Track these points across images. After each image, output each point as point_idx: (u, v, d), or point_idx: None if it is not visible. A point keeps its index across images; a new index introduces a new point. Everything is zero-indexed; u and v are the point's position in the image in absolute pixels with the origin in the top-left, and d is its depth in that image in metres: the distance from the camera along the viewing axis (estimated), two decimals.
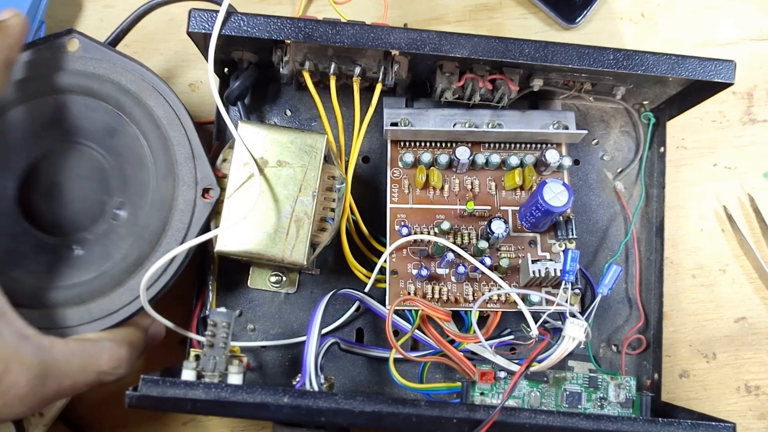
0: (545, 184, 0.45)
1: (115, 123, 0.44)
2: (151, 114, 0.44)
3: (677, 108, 0.52)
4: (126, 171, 0.44)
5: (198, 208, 0.44)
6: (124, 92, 0.44)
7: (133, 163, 0.44)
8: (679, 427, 0.40)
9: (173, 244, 0.43)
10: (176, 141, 0.44)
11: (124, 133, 0.44)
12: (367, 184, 0.52)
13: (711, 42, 0.58)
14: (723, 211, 0.56)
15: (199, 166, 0.44)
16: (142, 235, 0.43)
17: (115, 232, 0.44)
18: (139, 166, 0.44)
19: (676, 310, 0.54)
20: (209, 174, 0.44)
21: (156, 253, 0.43)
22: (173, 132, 0.44)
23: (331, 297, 0.46)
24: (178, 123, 0.44)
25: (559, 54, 0.44)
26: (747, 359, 0.54)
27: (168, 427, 0.52)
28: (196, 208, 0.44)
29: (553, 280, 0.47)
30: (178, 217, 0.43)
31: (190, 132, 0.44)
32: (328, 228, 0.46)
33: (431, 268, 0.48)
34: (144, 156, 0.44)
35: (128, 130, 0.44)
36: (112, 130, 0.44)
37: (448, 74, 0.47)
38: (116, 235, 0.44)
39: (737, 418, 0.53)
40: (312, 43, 0.44)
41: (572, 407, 0.45)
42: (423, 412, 0.39)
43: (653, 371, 0.50)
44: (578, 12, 0.57)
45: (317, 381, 0.43)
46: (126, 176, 0.44)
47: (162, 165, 0.44)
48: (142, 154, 0.44)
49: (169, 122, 0.44)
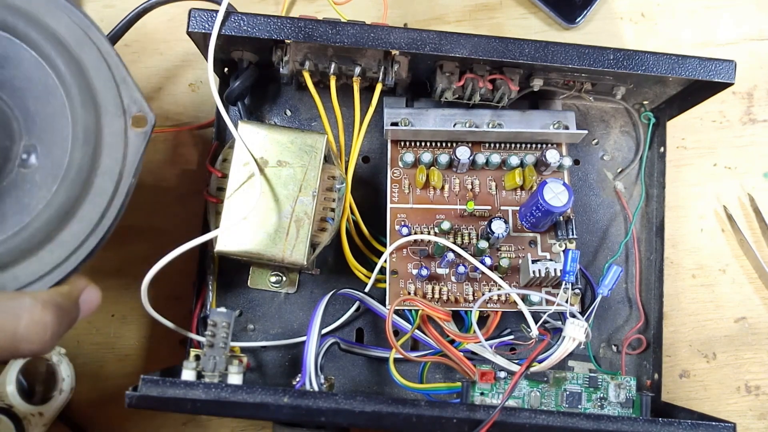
0: (545, 184, 0.45)
1: (4, 49, 0.37)
2: (53, 33, 0.37)
3: (677, 108, 0.52)
4: (29, 107, 0.38)
5: (131, 140, 0.38)
6: (9, 10, 0.37)
7: (38, 96, 0.38)
8: (679, 427, 0.40)
9: (108, 184, 0.37)
10: (90, 64, 0.38)
11: (19, 61, 0.38)
12: (367, 184, 0.52)
13: (711, 42, 0.58)
14: (723, 211, 0.56)
15: (125, 91, 0.38)
16: (66, 177, 0.37)
17: (28, 180, 0.37)
18: (46, 98, 0.38)
19: (676, 310, 0.54)
20: (138, 99, 0.38)
21: (89, 196, 0.37)
22: (85, 53, 0.38)
23: (331, 297, 0.46)
24: (90, 42, 0.38)
25: (559, 54, 0.44)
26: (747, 359, 0.54)
27: (168, 427, 0.52)
28: (128, 140, 0.38)
29: (553, 280, 0.47)
30: (108, 152, 0.37)
31: (107, 52, 0.38)
32: (328, 228, 0.46)
33: (431, 268, 0.48)
34: (50, 86, 0.38)
35: (24, 56, 0.37)
36: (3, 59, 0.37)
37: (448, 74, 0.47)
38: (31, 184, 0.37)
39: (737, 418, 0.53)
40: (312, 43, 0.44)
41: (572, 407, 0.45)
42: (423, 412, 0.39)
43: (653, 371, 0.50)
44: (578, 12, 0.57)
45: (317, 381, 0.43)
46: (29, 113, 0.38)
47: (76, 93, 0.38)
48: (48, 84, 0.38)
49: (78, 42, 0.38)
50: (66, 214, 0.37)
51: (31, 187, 0.37)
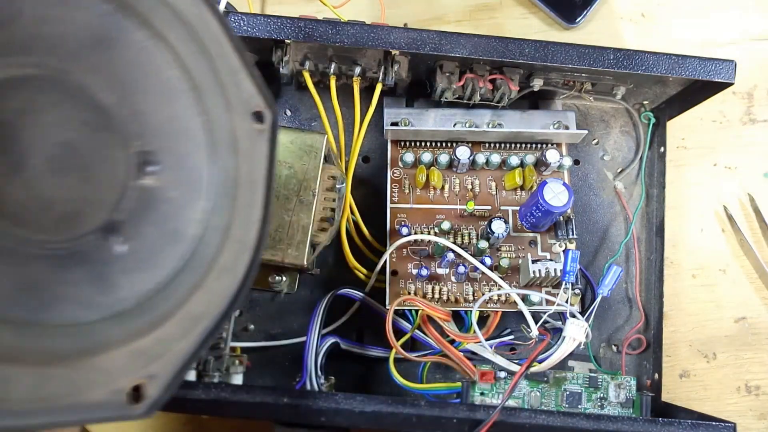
0: (545, 184, 0.45)
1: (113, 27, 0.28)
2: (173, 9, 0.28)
3: (677, 108, 0.52)
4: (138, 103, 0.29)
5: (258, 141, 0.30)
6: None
7: (152, 91, 0.29)
8: (679, 427, 0.40)
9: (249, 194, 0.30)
10: (216, 51, 0.29)
11: (129, 44, 0.28)
12: (367, 184, 0.52)
13: (711, 42, 0.58)
14: (723, 211, 0.56)
15: (244, 84, 0.30)
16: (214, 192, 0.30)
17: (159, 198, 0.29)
18: (164, 93, 0.29)
19: (676, 310, 0.54)
20: (254, 92, 0.30)
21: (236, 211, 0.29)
22: (207, 35, 0.29)
23: (331, 297, 0.46)
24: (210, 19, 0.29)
25: (559, 54, 0.44)
26: (747, 359, 0.54)
27: (168, 427, 0.52)
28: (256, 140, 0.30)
29: (554, 280, 0.47)
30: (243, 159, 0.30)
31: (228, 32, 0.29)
32: (328, 228, 0.46)
33: (431, 268, 0.48)
34: (168, 77, 0.29)
35: (135, 39, 0.28)
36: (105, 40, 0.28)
37: (448, 74, 0.47)
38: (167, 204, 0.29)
39: (737, 418, 0.53)
40: (312, 43, 0.44)
41: (572, 407, 0.45)
42: (423, 412, 0.39)
43: (653, 371, 0.50)
44: (578, 12, 0.57)
45: (317, 381, 0.43)
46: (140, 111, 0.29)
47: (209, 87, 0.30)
48: (165, 75, 0.29)
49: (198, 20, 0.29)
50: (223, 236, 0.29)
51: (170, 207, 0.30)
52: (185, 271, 0.29)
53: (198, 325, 0.28)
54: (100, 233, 0.28)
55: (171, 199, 0.29)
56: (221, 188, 0.30)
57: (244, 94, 0.30)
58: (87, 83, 0.28)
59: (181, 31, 0.29)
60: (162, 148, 0.29)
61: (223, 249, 0.29)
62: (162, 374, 0.27)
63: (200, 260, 0.29)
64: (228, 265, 0.29)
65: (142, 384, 0.26)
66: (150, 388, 0.26)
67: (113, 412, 0.26)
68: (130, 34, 0.28)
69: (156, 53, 0.29)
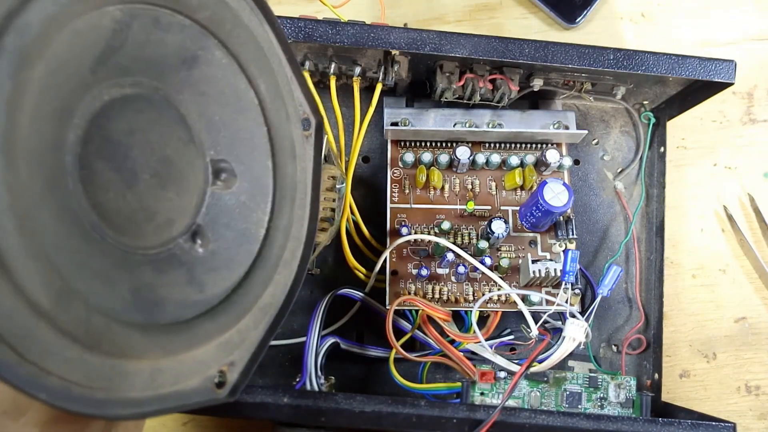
0: (545, 184, 0.45)
1: (197, 47, 0.30)
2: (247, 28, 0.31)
3: (677, 108, 0.52)
4: (213, 115, 0.31)
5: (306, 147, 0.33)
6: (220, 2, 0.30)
7: (225, 104, 0.32)
8: (679, 427, 0.40)
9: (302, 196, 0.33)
10: (275, 65, 0.32)
11: (209, 62, 0.31)
12: (367, 184, 0.52)
13: (711, 42, 0.58)
14: (723, 211, 0.56)
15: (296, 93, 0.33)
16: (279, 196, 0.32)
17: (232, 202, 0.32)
18: (235, 104, 0.32)
19: (676, 310, 0.54)
20: (303, 100, 0.33)
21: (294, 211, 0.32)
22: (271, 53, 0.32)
23: (331, 297, 0.46)
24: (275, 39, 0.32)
25: (559, 54, 0.44)
26: (747, 359, 0.54)
27: (168, 427, 0.52)
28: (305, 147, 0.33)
29: (554, 280, 0.47)
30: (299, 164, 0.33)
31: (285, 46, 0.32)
32: (328, 228, 0.46)
33: (431, 268, 0.48)
34: (240, 91, 0.32)
35: (214, 57, 0.31)
36: (192, 59, 0.30)
37: (448, 74, 0.47)
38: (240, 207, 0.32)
39: (737, 418, 0.53)
40: (312, 43, 0.44)
41: (572, 407, 0.45)
42: (423, 412, 0.39)
43: (653, 371, 0.50)
44: (578, 12, 0.57)
45: (317, 381, 0.43)
46: (214, 122, 0.32)
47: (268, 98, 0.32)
48: (237, 89, 0.31)
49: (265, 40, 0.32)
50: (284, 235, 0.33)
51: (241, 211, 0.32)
52: (257, 268, 0.32)
53: (266, 315, 0.32)
54: (187, 237, 0.31)
55: (242, 204, 0.32)
56: (283, 191, 0.33)
57: (296, 103, 0.33)
58: (176, 100, 0.31)
59: (251, 48, 0.31)
60: (232, 156, 0.32)
61: (286, 246, 0.33)
62: (239, 361, 0.31)
63: (269, 258, 0.32)
64: (288, 260, 0.33)
65: (224, 371, 0.30)
66: (231, 374, 0.30)
67: (205, 397, 0.29)
68: (210, 53, 0.31)
69: (229, 69, 0.31)
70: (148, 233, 0.30)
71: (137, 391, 0.26)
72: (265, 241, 0.33)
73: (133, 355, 0.26)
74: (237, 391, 0.31)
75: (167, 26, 0.29)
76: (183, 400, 0.28)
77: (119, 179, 0.28)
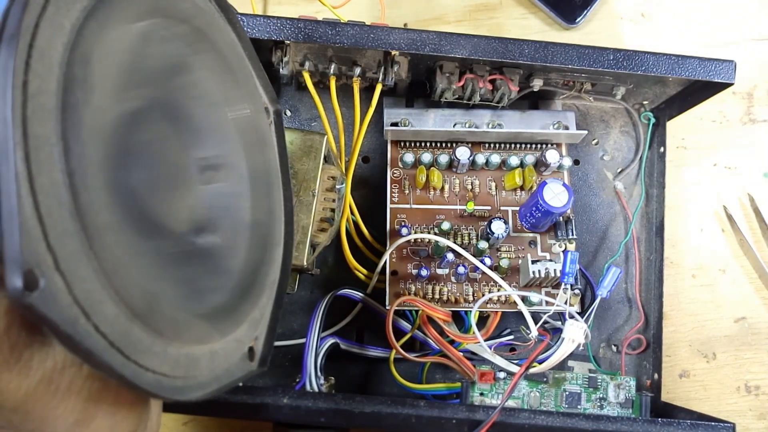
0: (545, 185, 0.45)
1: (184, 55, 0.32)
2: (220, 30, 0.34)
3: (677, 108, 0.52)
4: (194, 115, 0.34)
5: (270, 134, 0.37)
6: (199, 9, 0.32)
7: (201, 103, 0.34)
8: (679, 427, 0.40)
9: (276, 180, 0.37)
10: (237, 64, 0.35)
11: (189, 68, 0.33)
12: (367, 184, 0.52)
13: (711, 42, 0.58)
14: (723, 211, 0.56)
15: (262, 83, 0.37)
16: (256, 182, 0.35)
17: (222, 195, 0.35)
18: (211, 104, 0.34)
19: (676, 310, 0.54)
20: (262, 92, 0.37)
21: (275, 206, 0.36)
22: (232, 55, 0.35)
23: (330, 297, 0.46)
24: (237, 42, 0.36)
25: (559, 54, 0.44)
26: (747, 359, 0.54)
27: (168, 427, 0.52)
28: (270, 134, 0.37)
29: (553, 281, 0.47)
30: (269, 150, 0.37)
31: (246, 43, 0.36)
32: (327, 228, 0.46)
33: (431, 268, 0.48)
34: (209, 90, 0.34)
35: (195, 62, 0.33)
36: (180, 66, 0.32)
37: (448, 74, 0.47)
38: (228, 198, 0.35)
39: (737, 418, 0.53)
40: (312, 43, 0.44)
41: (572, 407, 0.45)
42: (423, 412, 0.39)
43: (653, 371, 0.50)
44: (578, 12, 0.57)
45: (317, 381, 0.43)
46: (196, 123, 0.34)
47: (235, 95, 0.35)
48: (209, 89, 0.34)
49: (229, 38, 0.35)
50: (269, 216, 0.36)
51: (232, 200, 0.35)
52: (261, 248, 0.35)
53: (273, 291, 0.35)
54: (197, 231, 0.33)
55: (229, 194, 0.35)
56: (259, 178, 0.35)
57: (256, 95, 0.36)
58: (176, 106, 0.33)
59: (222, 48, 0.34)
60: (212, 152, 0.35)
61: (274, 227, 0.36)
62: (261, 335, 0.34)
63: (267, 239, 0.36)
64: (277, 238, 0.36)
65: (252, 345, 0.33)
66: (257, 347, 0.33)
67: (244, 371, 0.32)
68: (192, 60, 0.33)
69: (207, 72, 0.33)
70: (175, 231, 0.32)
71: (203, 374, 0.28)
72: (258, 225, 0.36)
73: (201, 342, 0.29)
74: (266, 362, 0.34)
75: (168, 37, 0.31)
76: (230, 377, 0.30)
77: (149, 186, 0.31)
